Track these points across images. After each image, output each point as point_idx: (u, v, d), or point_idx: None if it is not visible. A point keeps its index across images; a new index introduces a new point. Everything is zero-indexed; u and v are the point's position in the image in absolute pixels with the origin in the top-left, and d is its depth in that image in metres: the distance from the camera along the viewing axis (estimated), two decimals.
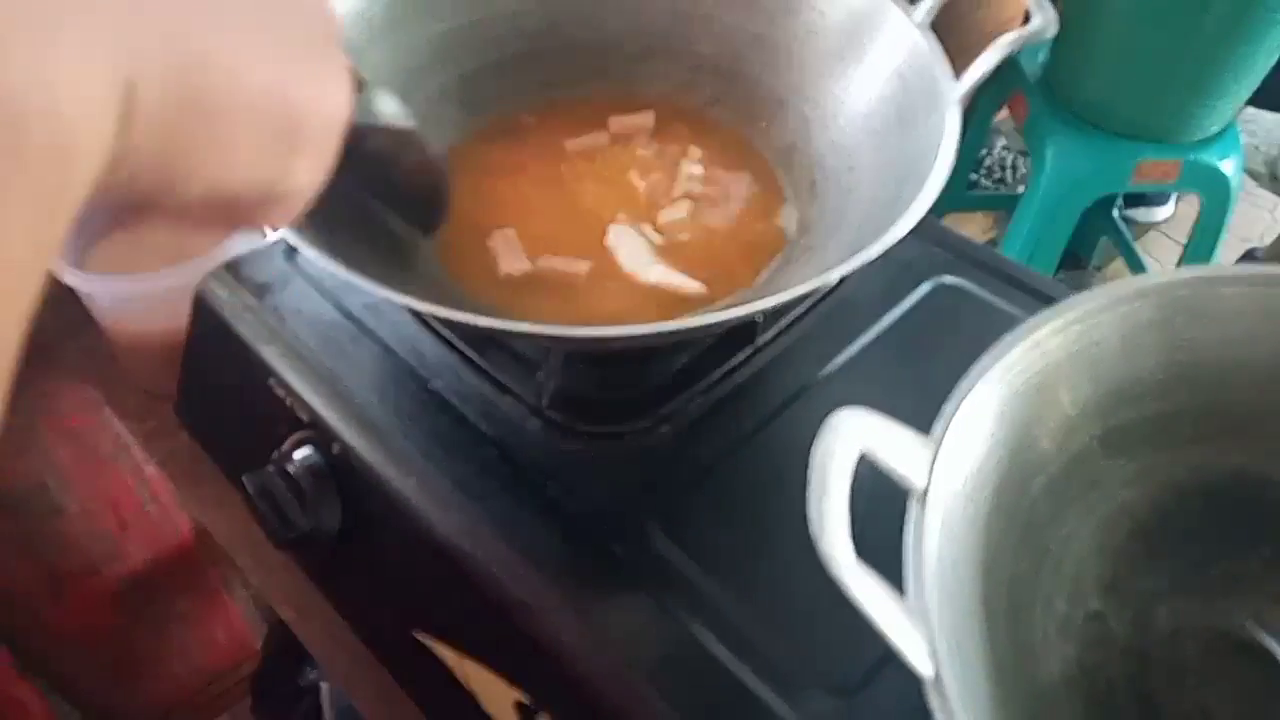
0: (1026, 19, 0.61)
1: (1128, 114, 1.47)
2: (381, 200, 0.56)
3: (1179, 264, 1.75)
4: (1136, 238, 1.96)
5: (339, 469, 0.60)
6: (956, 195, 1.92)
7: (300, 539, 0.59)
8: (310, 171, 0.29)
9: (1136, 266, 1.83)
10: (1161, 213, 2.11)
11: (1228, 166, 1.51)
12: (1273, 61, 1.42)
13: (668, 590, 0.53)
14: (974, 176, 2.14)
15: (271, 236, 0.72)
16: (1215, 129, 1.50)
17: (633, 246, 0.66)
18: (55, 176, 0.21)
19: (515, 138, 0.73)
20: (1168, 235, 2.11)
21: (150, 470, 1.02)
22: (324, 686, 0.91)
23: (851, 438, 0.40)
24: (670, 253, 0.67)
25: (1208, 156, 1.50)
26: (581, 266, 0.65)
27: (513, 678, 0.54)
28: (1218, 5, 1.32)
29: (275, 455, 0.61)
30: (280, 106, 0.27)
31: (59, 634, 0.96)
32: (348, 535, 0.61)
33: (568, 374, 0.61)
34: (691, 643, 0.51)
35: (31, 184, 0.21)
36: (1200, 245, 1.61)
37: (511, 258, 0.64)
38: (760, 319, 0.63)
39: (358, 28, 0.66)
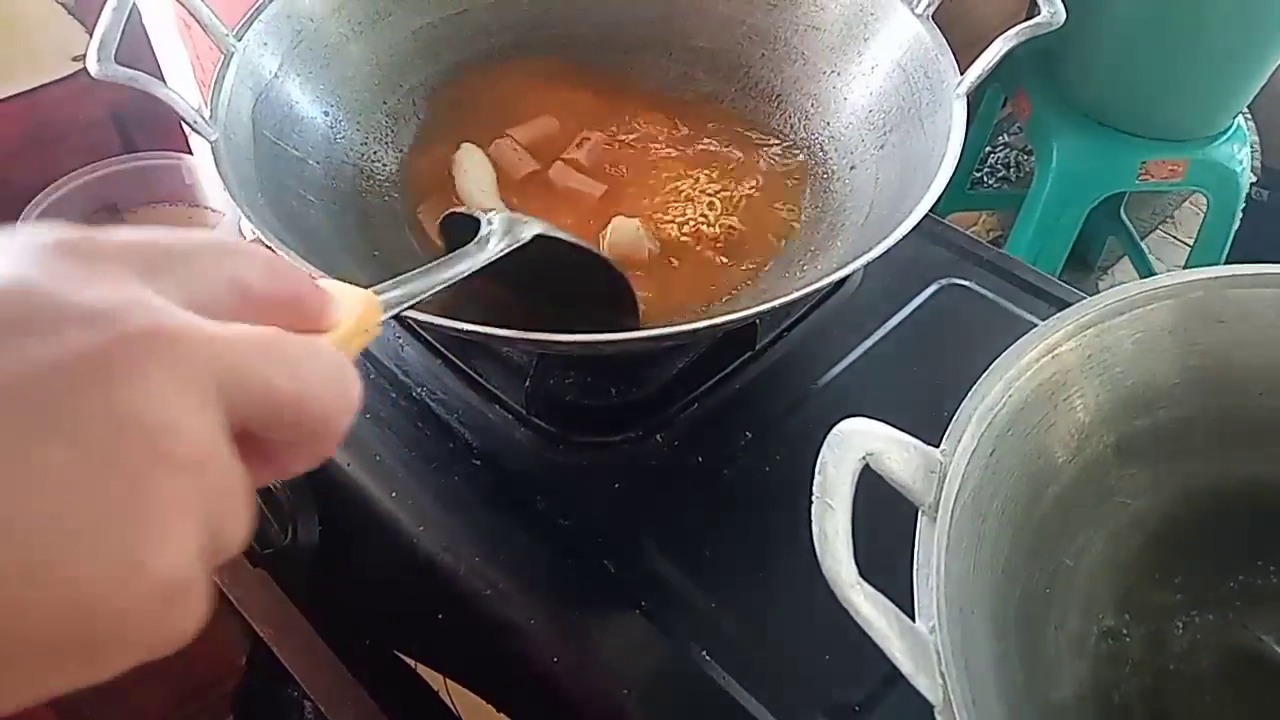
0: (1031, 12, 0.59)
1: (1133, 111, 1.45)
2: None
3: (1186, 265, 1.73)
4: (1143, 237, 1.94)
5: (317, 482, 0.58)
6: (959, 194, 1.90)
7: (277, 556, 0.57)
8: (120, 663, 0.21)
9: (1144, 267, 1.81)
10: None
11: (1235, 164, 1.49)
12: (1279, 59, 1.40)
13: (662, 608, 0.51)
14: (977, 175, 2.12)
15: (248, 237, 0.70)
16: (1222, 126, 1.48)
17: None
18: None
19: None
20: (1174, 236, 2.09)
21: None
22: (308, 703, 0.89)
23: (856, 450, 0.38)
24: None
25: (1215, 154, 1.48)
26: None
27: (499, 702, 0.52)
28: (1224, 3, 1.30)
29: None
30: (74, 626, 0.20)
31: None
32: (326, 551, 0.59)
33: (558, 380, 0.59)
34: (687, 663, 0.49)
35: None
36: (1208, 246, 1.59)
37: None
38: (759, 323, 0.61)
39: (337, 23, 0.65)
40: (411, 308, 0.35)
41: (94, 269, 0.21)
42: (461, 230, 0.51)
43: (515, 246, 0.48)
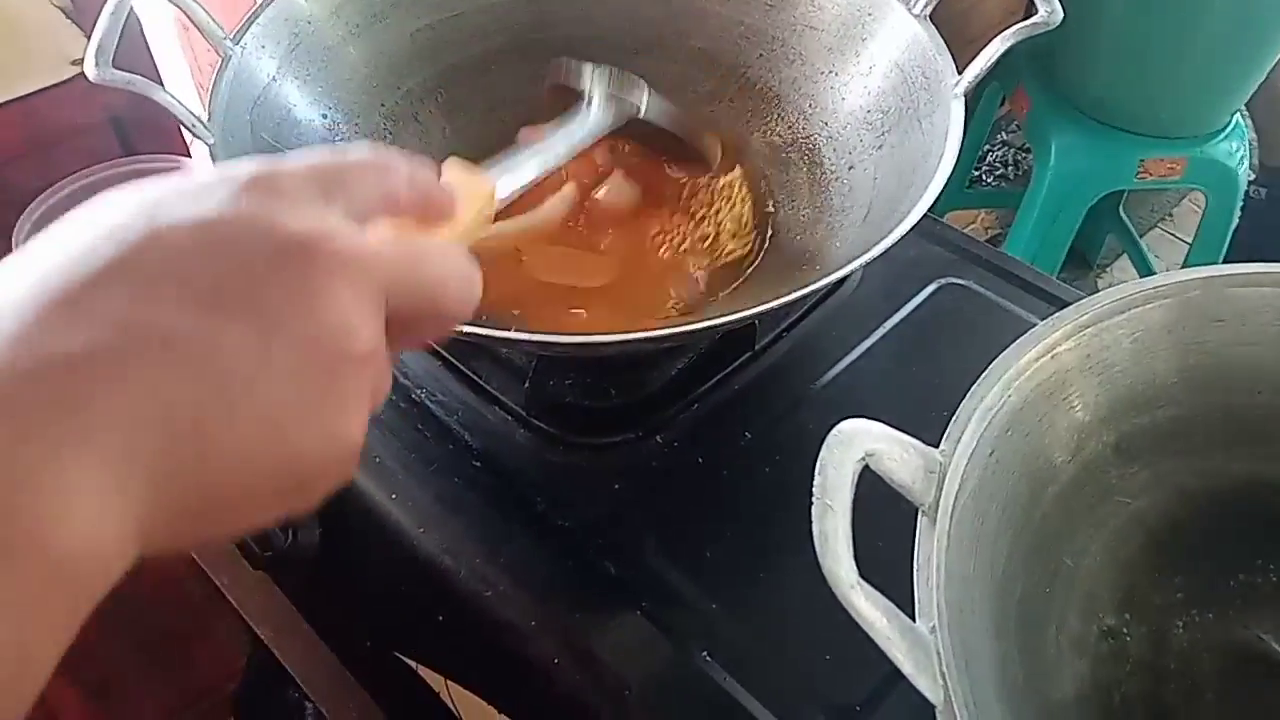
0: (1029, 11, 0.59)
1: (1132, 109, 1.45)
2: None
3: (1184, 263, 1.73)
4: (1141, 235, 1.94)
5: None
6: (957, 192, 1.90)
7: (278, 558, 0.57)
8: (317, 499, 0.28)
9: (1143, 265, 1.81)
10: None
11: (1234, 161, 1.49)
12: (1278, 55, 1.40)
13: (663, 609, 0.51)
14: (975, 173, 2.12)
15: None
16: (1220, 124, 1.48)
17: None
18: (62, 607, 0.22)
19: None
20: (1173, 234, 2.09)
21: None
22: (309, 705, 0.89)
23: (856, 450, 0.38)
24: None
25: (1214, 152, 1.48)
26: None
27: (500, 703, 0.52)
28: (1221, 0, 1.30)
29: None
30: (291, 478, 0.26)
31: None
32: (326, 553, 0.59)
33: (557, 382, 0.59)
34: (688, 664, 0.49)
35: (34, 614, 0.21)
36: (1206, 243, 1.59)
37: None
38: (759, 323, 0.61)
39: (334, 25, 0.65)
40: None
41: (285, 199, 0.26)
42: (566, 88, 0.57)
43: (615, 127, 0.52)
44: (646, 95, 0.58)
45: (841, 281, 0.66)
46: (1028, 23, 0.58)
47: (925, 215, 0.52)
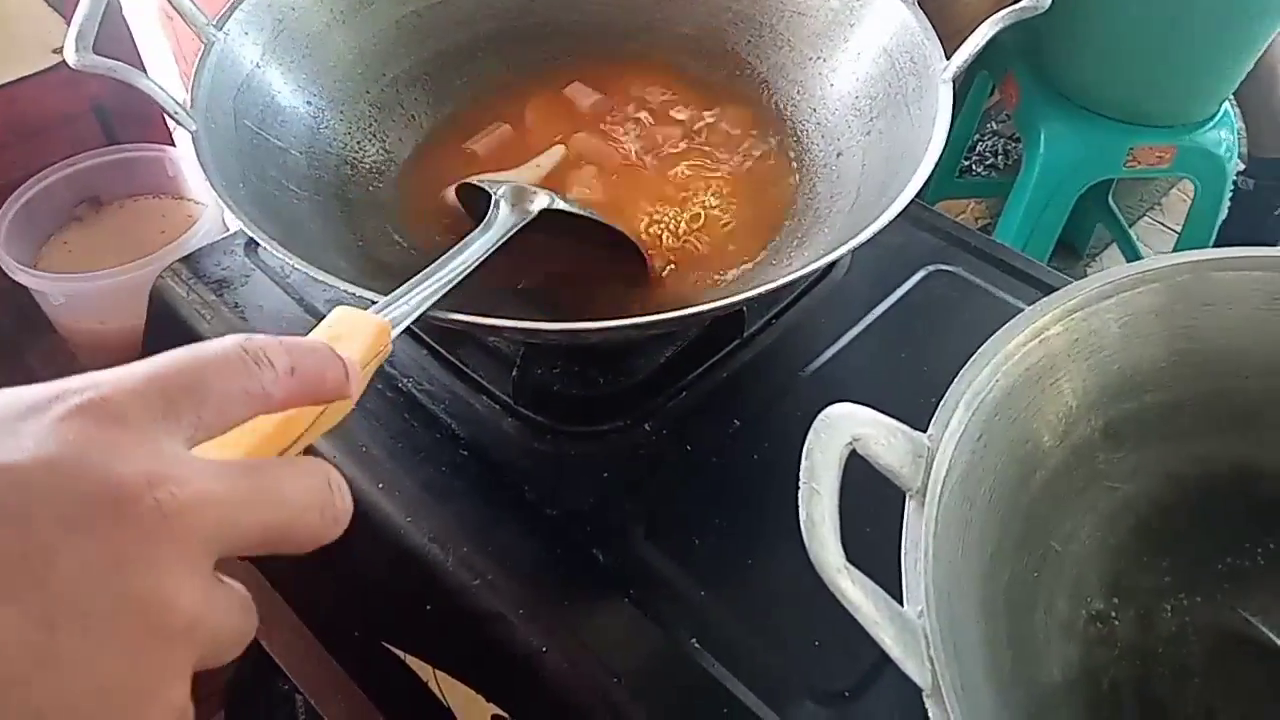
0: None
1: (1121, 98, 1.45)
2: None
3: (1174, 251, 1.73)
4: (1130, 224, 1.94)
5: None
6: (947, 182, 1.90)
7: None
8: None
9: (1132, 254, 1.81)
10: None
11: (1223, 150, 1.49)
12: (1266, 43, 1.40)
13: (651, 597, 0.50)
14: (966, 162, 2.12)
15: (231, 229, 0.70)
16: (1209, 112, 1.48)
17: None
18: None
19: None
20: (1162, 223, 2.09)
21: None
22: (298, 696, 0.89)
23: (843, 435, 0.38)
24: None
25: (1203, 140, 1.48)
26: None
27: (489, 692, 0.52)
28: None
29: None
30: None
31: None
32: None
33: (545, 370, 0.59)
34: (676, 651, 0.49)
35: None
36: (1195, 232, 1.60)
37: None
38: (747, 309, 0.61)
39: (318, 11, 0.64)
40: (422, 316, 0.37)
41: (117, 428, 0.22)
42: (475, 200, 0.54)
43: (520, 226, 0.48)
44: (554, 197, 0.53)
45: (830, 268, 0.66)
46: (1016, 7, 0.58)
47: (914, 202, 0.51)
